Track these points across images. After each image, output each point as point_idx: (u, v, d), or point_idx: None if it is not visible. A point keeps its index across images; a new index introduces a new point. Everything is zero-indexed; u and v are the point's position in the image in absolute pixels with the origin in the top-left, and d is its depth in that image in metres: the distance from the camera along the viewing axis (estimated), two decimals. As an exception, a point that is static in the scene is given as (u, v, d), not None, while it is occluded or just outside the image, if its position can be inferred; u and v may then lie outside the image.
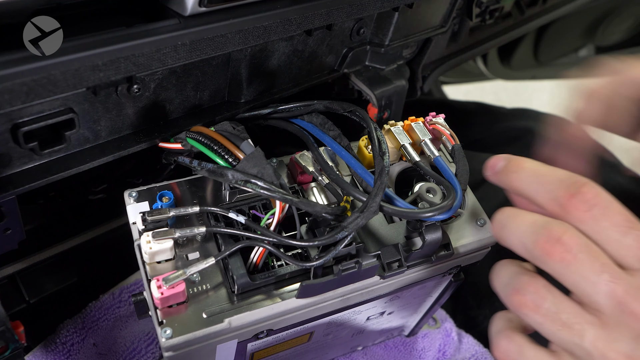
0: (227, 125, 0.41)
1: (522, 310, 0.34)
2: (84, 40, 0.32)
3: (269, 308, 0.37)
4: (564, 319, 0.32)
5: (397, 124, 0.45)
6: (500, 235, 0.36)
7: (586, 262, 0.31)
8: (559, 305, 0.33)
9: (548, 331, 0.33)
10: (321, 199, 0.43)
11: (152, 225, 0.37)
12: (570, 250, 0.32)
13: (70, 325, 0.55)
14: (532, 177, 0.36)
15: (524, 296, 0.34)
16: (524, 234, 0.34)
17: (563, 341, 0.32)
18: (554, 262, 0.32)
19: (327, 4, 0.43)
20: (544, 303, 0.33)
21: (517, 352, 0.35)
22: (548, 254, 0.32)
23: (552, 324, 0.32)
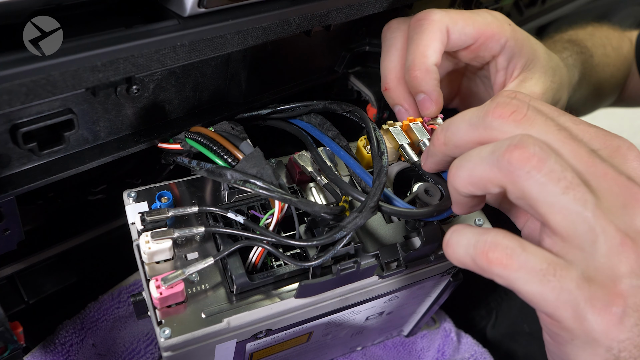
0: (226, 126, 0.41)
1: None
2: (83, 41, 0.32)
3: (267, 308, 0.37)
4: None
5: (396, 124, 0.45)
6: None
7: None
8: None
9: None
10: (320, 199, 0.43)
11: (151, 226, 0.38)
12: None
13: (69, 325, 0.55)
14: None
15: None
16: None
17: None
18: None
19: (325, 5, 0.43)
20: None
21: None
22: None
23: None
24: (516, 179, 0.29)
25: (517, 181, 0.29)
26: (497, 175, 0.30)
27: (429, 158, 0.38)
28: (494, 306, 0.69)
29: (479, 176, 0.31)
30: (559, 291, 0.29)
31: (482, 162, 0.31)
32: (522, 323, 0.67)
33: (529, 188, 0.29)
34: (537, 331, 0.64)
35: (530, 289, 0.29)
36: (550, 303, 0.29)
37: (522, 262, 0.29)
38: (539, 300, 0.29)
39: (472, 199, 0.34)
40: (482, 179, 0.31)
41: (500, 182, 0.30)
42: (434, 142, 0.37)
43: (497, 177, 0.30)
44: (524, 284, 0.29)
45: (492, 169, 0.30)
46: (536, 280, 0.29)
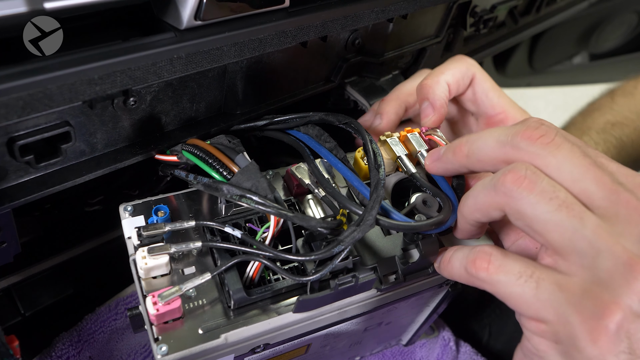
0: (223, 139, 0.41)
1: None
2: (80, 54, 0.32)
3: (265, 323, 0.37)
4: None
5: (394, 135, 0.45)
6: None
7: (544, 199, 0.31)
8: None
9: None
10: (317, 211, 0.42)
11: (147, 240, 0.37)
12: None
13: (65, 338, 0.55)
14: (477, 140, 0.36)
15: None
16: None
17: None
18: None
19: (321, 16, 0.43)
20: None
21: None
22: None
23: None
24: (511, 200, 0.32)
25: (512, 202, 0.32)
26: (495, 199, 0.33)
27: (442, 164, 0.40)
28: (487, 322, 0.69)
29: (482, 202, 0.34)
30: (537, 291, 0.30)
31: (484, 189, 0.34)
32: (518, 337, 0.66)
33: (523, 208, 0.31)
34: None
35: (510, 290, 0.31)
36: (530, 303, 0.30)
37: (501, 266, 0.32)
38: (519, 301, 0.31)
39: (476, 227, 0.37)
40: (485, 204, 0.34)
41: (499, 205, 0.33)
42: (456, 152, 0.38)
43: (496, 201, 0.33)
44: (505, 287, 0.32)
45: (491, 193, 0.33)
46: (514, 282, 0.31)
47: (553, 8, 0.89)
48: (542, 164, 0.32)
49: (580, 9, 0.97)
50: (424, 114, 0.46)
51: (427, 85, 0.46)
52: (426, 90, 0.46)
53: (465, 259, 0.34)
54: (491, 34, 0.77)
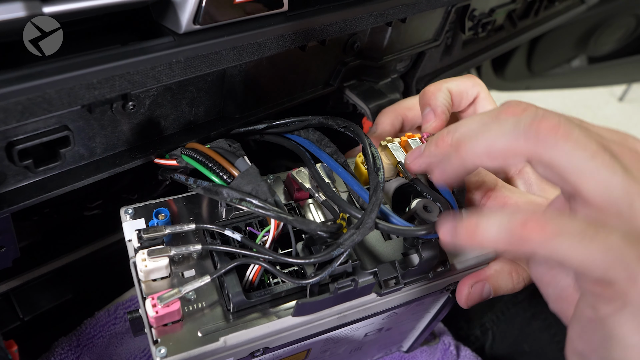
0: (223, 143, 0.41)
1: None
2: (78, 58, 0.32)
3: (265, 326, 0.37)
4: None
5: (394, 140, 0.45)
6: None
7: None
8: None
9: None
10: (318, 215, 0.42)
11: (147, 243, 0.37)
12: None
13: (65, 342, 0.55)
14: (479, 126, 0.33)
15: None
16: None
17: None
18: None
19: (320, 20, 0.43)
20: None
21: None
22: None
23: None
24: (543, 149, 0.30)
25: (544, 151, 0.30)
26: (522, 145, 0.30)
27: (424, 158, 0.37)
28: (489, 327, 0.69)
29: (501, 148, 0.31)
30: (607, 249, 0.27)
31: (506, 135, 0.31)
32: (522, 343, 0.66)
33: (558, 156, 0.29)
34: (537, 350, 0.63)
35: (575, 252, 0.28)
36: (599, 263, 0.27)
37: (561, 226, 0.28)
38: (587, 263, 0.28)
39: (462, 177, 0.35)
40: (505, 151, 0.31)
41: (526, 152, 0.30)
42: (439, 144, 0.35)
43: (523, 148, 0.30)
44: (568, 249, 0.28)
45: (518, 140, 0.30)
46: (579, 241, 0.28)
47: (551, 11, 0.89)
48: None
49: (578, 12, 0.98)
50: (425, 119, 0.46)
51: (429, 92, 0.46)
52: (428, 96, 0.46)
53: (509, 222, 0.29)
54: (490, 37, 0.78)
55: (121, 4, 0.33)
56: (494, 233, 0.30)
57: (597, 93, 2.48)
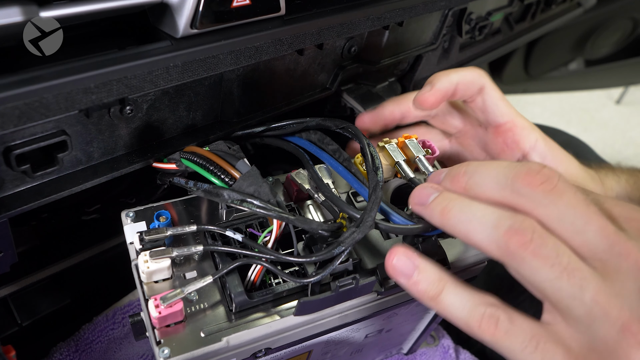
0: (222, 145, 0.41)
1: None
2: (76, 63, 0.32)
3: (267, 326, 0.37)
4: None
5: (392, 141, 0.45)
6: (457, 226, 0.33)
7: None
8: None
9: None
10: (318, 216, 0.43)
11: (149, 245, 0.37)
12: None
13: (63, 348, 0.55)
14: (476, 171, 0.34)
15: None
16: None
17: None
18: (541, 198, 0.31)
19: (317, 24, 0.43)
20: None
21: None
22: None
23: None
24: (513, 260, 0.31)
25: (513, 262, 0.31)
26: (494, 250, 0.31)
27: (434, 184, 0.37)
28: None
29: (475, 241, 0.32)
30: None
31: (482, 232, 0.32)
32: None
33: (525, 270, 0.30)
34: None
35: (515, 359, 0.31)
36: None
37: (507, 332, 0.31)
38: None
39: None
40: (478, 245, 0.32)
41: (498, 259, 0.32)
42: (453, 181, 0.35)
43: (494, 253, 0.32)
44: (510, 354, 0.31)
45: (491, 243, 0.31)
46: (519, 351, 0.30)
47: (548, 15, 0.90)
48: (544, 213, 0.31)
49: (575, 15, 0.98)
50: (422, 90, 0.48)
51: (436, 75, 0.48)
52: (434, 77, 0.48)
53: (468, 315, 0.32)
54: (487, 40, 0.78)
55: (118, 9, 0.34)
56: (454, 314, 0.33)
57: (595, 96, 2.48)
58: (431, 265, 0.34)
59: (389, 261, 0.35)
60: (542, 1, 0.84)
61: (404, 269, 0.34)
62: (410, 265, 0.34)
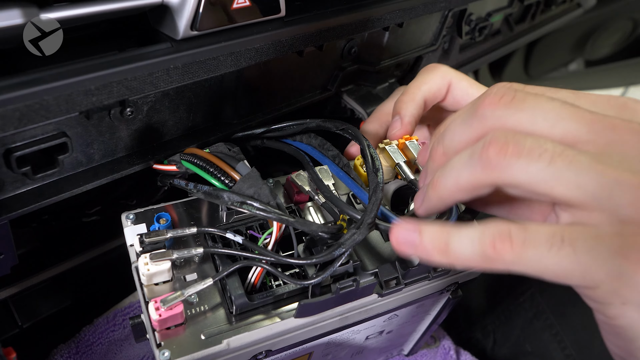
0: (223, 147, 0.41)
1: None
2: (76, 65, 0.32)
3: (267, 328, 0.37)
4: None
5: (392, 143, 0.45)
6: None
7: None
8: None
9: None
10: (318, 218, 0.43)
11: (149, 247, 0.37)
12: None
13: (64, 350, 0.55)
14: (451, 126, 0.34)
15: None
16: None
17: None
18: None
19: (317, 25, 0.43)
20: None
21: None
22: None
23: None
24: (502, 173, 0.29)
25: (503, 174, 0.29)
26: (483, 175, 0.30)
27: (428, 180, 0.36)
28: (491, 329, 0.69)
29: (466, 181, 0.31)
30: (576, 255, 0.27)
31: (465, 167, 0.31)
32: (524, 343, 0.66)
33: (517, 175, 0.29)
34: (540, 349, 0.63)
35: (545, 264, 0.27)
36: (573, 271, 0.27)
37: (526, 240, 0.28)
38: (559, 273, 0.27)
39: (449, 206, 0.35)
40: (471, 183, 0.31)
41: (490, 181, 0.30)
42: (434, 157, 0.35)
43: (485, 177, 0.30)
44: (537, 262, 0.28)
45: (476, 170, 0.30)
46: (546, 253, 0.27)
47: (548, 15, 0.90)
48: (514, 122, 0.30)
49: (575, 16, 0.98)
50: (391, 126, 0.46)
51: (401, 101, 0.46)
52: (399, 105, 0.46)
53: (479, 244, 0.29)
54: (487, 41, 0.78)
55: (118, 11, 0.34)
56: (467, 254, 0.30)
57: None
58: (430, 223, 0.33)
59: (393, 239, 0.33)
60: (542, 2, 0.84)
61: (407, 238, 0.33)
62: (411, 232, 0.33)
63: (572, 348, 0.61)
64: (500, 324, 0.68)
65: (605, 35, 1.24)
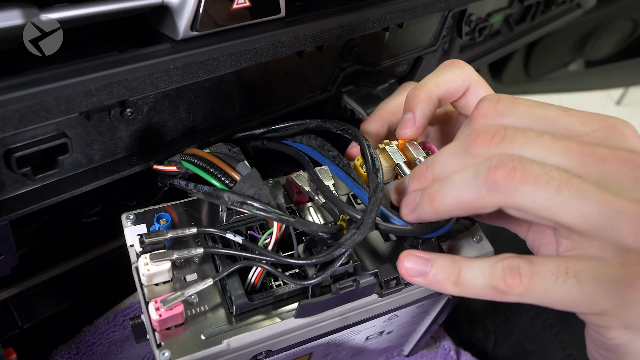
0: (223, 147, 0.41)
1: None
2: (76, 65, 0.32)
3: (267, 328, 0.37)
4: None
5: (392, 143, 0.45)
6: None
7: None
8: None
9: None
10: (318, 218, 0.43)
11: (149, 248, 0.37)
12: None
13: (64, 350, 0.55)
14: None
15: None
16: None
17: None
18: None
19: (317, 26, 0.43)
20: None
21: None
22: None
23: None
24: (508, 197, 0.30)
25: (509, 199, 0.30)
26: (487, 198, 0.30)
27: (412, 200, 0.37)
28: (492, 328, 0.69)
29: (467, 201, 0.32)
30: (580, 286, 0.28)
31: (469, 188, 0.31)
32: (525, 342, 0.66)
33: (523, 201, 0.29)
34: (540, 349, 0.63)
35: (552, 295, 0.29)
36: (579, 301, 0.28)
37: (533, 274, 0.29)
38: (566, 303, 0.29)
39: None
40: (472, 204, 0.31)
41: (495, 204, 0.31)
42: (421, 180, 0.36)
43: (489, 200, 0.31)
44: (545, 294, 0.29)
45: (480, 192, 0.31)
46: (553, 286, 0.28)
47: (548, 16, 0.90)
48: (514, 153, 0.31)
49: (575, 16, 0.98)
50: (403, 124, 0.44)
51: (417, 98, 0.43)
52: (415, 102, 0.43)
53: (490, 278, 0.30)
54: (487, 42, 0.78)
55: (118, 11, 0.34)
56: (478, 286, 0.31)
57: (595, 97, 2.48)
58: (440, 255, 0.34)
59: (402, 268, 0.35)
60: (541, 2, 0.84)
61: (418, 268, 0.34)
62: (422, 263, 0.34)
63: (572, 348, 0.61)
64: (501, 323, 0.68)
65: (605, 36, 1.24)
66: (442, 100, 0.45)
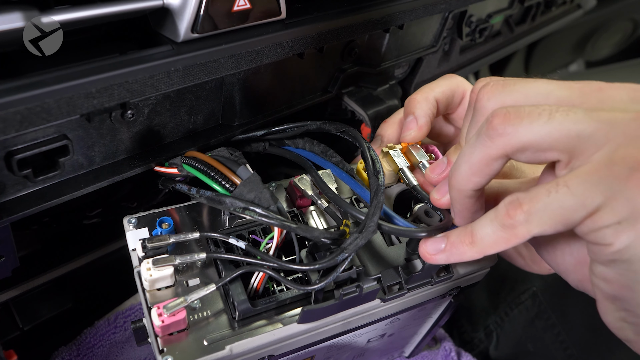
0: (224, 151, 0.41)
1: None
2: (77, 68, 0.32)
3: (270, 334, 0.37)
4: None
5: (396, 147, 0.45)
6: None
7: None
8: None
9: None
10: (320, 222, 0.42)
11: (152, 252, 0.37)
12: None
13: (65, 352, 0.55)
14: None
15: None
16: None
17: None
18: None
19: (318, 27, 0.43)
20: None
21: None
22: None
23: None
24: (509, 138, 0.31)
25: (511, 139, 0.31)
26: (492, 146, 0.32)
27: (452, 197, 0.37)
28: (493, 328, 0.69)
29: (479, 159, 0.33)
30: (570, 190, 0.29)
31: (474, 148, 0.33)
32: (526, 342, 0.66)
33: (523, 137, 0.31)
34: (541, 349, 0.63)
35: (552, 210, 0.30)
36: (574, 206, 0.29)
37: (532, 199, 0.30)
38: (569, 215, 0.30)
39: (475, 199, 0.35)
40: (483, 160, 0.33)
41: (499, 151, 0.32)
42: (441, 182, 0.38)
43: (494, 148, 0.32)
44: (545, 212, 0.30)
45: (485, 145, 0.32)
46: (547, 199, 0.30)
47: (548, 16, 0.90)
48: (511, 103, 0.33)
49: (575, 17, 0.98)
50: (406, 127, 0.45)
51: (414, 100, 0.45)
52: (413, 104, 0.45)
53: (497, 219, 0.32)
54: (487, 43, 0.78)
55: (119, 14, 0.34)
56: (490, 234, 0.32)
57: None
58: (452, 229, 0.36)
59: (424, 252, 0.36)
60: (542, 3, 0.84)
61: (436, 246, 0.36)
62: (439, 241, 0.36)
63: (574, 348, 0.61)
64: (502, 323, 0.68)
65: (605, 36, 1.24)
66: (440, 102, 0.46)
